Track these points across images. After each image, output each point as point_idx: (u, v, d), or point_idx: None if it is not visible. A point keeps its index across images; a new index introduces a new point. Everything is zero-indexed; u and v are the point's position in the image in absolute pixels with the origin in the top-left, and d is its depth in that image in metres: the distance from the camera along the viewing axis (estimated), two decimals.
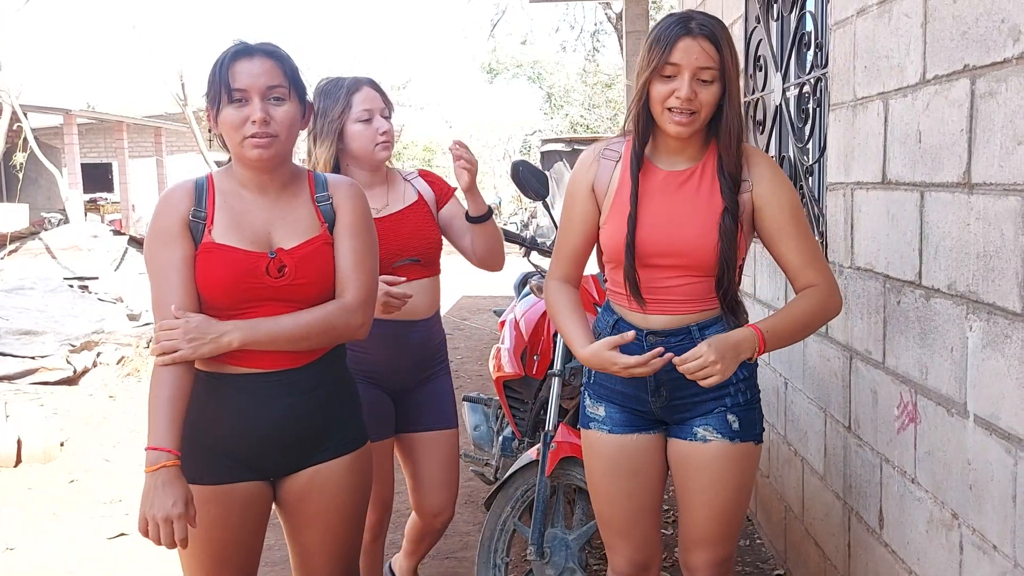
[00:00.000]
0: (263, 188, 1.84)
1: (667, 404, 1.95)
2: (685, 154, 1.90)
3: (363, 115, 2.35)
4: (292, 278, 1.79)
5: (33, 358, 6.56)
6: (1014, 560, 1.61)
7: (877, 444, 2.24)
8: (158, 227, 1.80)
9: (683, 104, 1.78)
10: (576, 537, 2.74)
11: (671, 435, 2.00)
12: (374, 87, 2.40)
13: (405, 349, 2.42)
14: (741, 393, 1.95)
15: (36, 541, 3.75)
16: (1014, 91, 1.56)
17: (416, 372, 2.47)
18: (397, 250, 2.36)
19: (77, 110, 16.05)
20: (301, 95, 1.83)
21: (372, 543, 2.53)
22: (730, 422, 1.94)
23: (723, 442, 1.93)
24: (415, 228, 2.41)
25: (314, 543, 1.93)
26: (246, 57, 1.75)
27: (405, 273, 2.36)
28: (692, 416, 1.95)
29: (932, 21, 1.87)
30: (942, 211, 1.85)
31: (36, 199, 18.86)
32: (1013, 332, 1.59)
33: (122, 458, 4.91)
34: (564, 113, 25.80)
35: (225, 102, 1.75)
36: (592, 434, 2.04)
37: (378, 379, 2.41)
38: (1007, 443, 1.62)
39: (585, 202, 1.97)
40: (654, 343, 1.89)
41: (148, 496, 1.65)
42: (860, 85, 2.30)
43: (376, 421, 2.34)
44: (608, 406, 2.01)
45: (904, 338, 2.06)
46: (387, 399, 2.45)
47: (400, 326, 2.38)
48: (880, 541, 2.24)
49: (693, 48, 1.76)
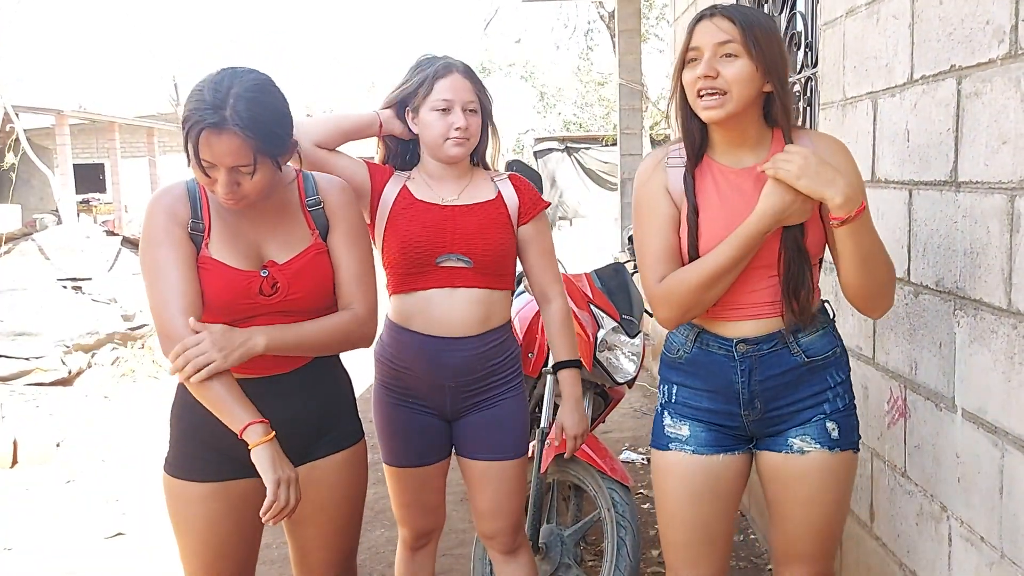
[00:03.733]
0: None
1: (761, 417, 1.81)
2: (745, 146, 1.78)
3: (440, 104, 2.08)
4: (285, 294, 1.79)
5: (27, 359, 6.55)
6: (1001, 551, 1.64)
7: (868, 439, 2.27)
8: (155, 227, 1.77)
9: (705, 83, 1.68)
10: (572, 533, 2.77)
11: (761, 448, 1.86)
12: (467, 75, 2.12)
13: (442, 369, 2.13)
14: (840, 398, 1.81)
15: (33, 541, 3.76)
16: (999, 91, 1.59)
17: (461, 395, 2.17)
18: (447, 243, 2.08)
19: (69, 111, 15.97)
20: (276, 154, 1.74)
21: (411, 553, 2.35)
22: (829, 430, 1.79)
23: (822, 452, 1.79)
24: (479, 226, 2.11)
25: (312, 539, 1.96)
26: (214, 132, 1.64)
27: (449, 277, 2.09)
28: (787, 427, 1.81)
29: (919, 22, 1.90)
30: (930, 209, 1.88)
31: (28, 200, 18.79)
32: (999, 327, 1.62)
33: (118, 458, 4.91)
34: (557, 112, 25.80)
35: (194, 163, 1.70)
36: (673, 456, 1.86)
37: (420, 400, 2.19)
38: (994, 436, 1.65)
39: (666, 204, 1.81)
40: (746, 352, 1.78)
41: (275, 462, 1.66)
42: (849, 85, 2.33)
43: (418, 446, 2.21)
44: (693, 425, 1.85)
45: (894, 334, 2.09)
46: (434, 422, 2.21)
47: (436, 342, 2.11)
48: (871, 534, 2.27)
49: (709, 27, 1.70)
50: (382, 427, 2.26)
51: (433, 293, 2.10)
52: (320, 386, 1.90)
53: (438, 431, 2.22)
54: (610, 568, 2.58)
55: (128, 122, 18.49)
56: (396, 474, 2.26)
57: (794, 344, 1.78)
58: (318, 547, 1.96)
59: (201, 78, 1.72)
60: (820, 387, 1.80)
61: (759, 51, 1.68)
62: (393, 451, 2.25)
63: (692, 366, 1.85)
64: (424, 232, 2.08)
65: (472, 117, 2.10)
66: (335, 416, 1.94)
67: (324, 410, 1.90)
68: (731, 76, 1.68)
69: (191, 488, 1.82)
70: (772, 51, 1.70)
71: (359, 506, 2.02)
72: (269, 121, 1.69)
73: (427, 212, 2.11)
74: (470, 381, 2.15)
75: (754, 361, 1.78)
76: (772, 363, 1.78)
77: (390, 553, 3.49)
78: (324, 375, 1.91)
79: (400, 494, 2.27)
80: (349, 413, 1.98)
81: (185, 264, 1.75)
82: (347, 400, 1.99)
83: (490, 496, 2.22)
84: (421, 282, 2.10)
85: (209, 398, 1.69)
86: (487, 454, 2.20)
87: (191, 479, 1.82)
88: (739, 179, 1.77)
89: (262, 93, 1.69)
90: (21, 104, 14.36)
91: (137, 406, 6.02)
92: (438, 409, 2.20)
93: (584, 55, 21.70)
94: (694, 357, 1.84)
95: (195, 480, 1.81)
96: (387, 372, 2.22)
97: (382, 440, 2.26)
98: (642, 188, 1.86)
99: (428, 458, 2.23)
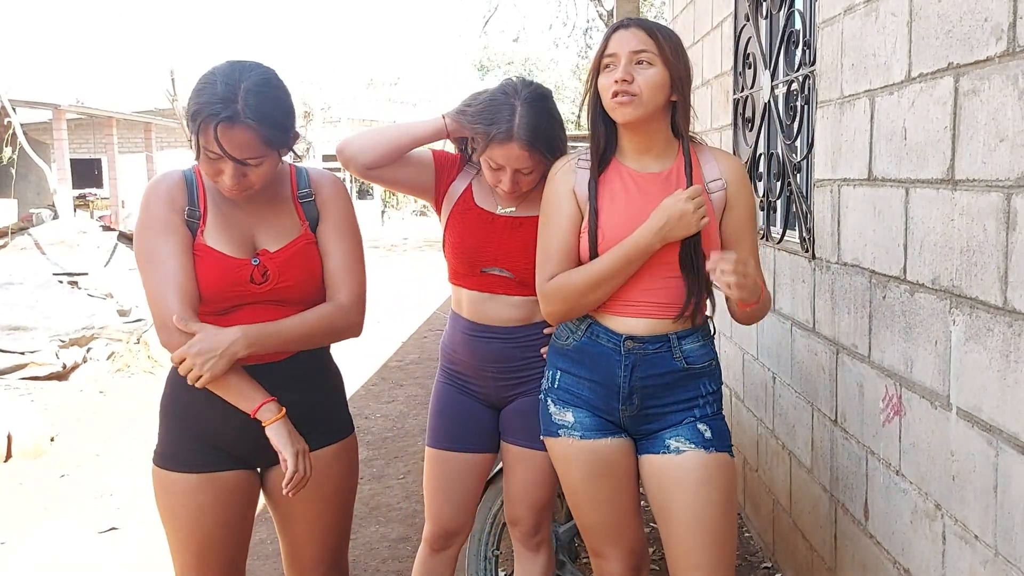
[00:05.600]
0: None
1: (637, 413, 1.92)
2: (651, 153, 1.92)
3: (494, 164, 2.05)
4: (275, 282, 1.81)
5: (23, 353, 6.55)
6: (995, 549, 1.64)
7: (863, 437, 2.27)
8: (152, 216, 1.78)
9: (620, 86, 1.81)
10: (566, 530, 2.77)
11: (641, 452, 1.96)
12: (528, 145, 2.01)
13: (484, 355, 2.19)
14: (709, 405, 1.94)
15: (27, 535, 3.75)
16: (997, 89, 1.59)
17: (502, 382, 2.21)
18: (491, 257, 2.13)
19: (66, 105, 15.95)
20: (282, 146, 1.78)
21: (430, 554, 2.34)
22: (701, 431, 1.91)
23: (697, 451, 1.89)
24: (524, 242, 2.09)
25: (303, 533, 1.95)
26: (227, 126, 1.66)
27: (491, 285, 2.15)
28: (661, 428, 1.93)
29: (917, 19, 1.90)
30: (927, 207, 1.87)
31: (25, 194, 18.77)
32: (995, 326, 1.61)
33: (112, 453, 4.90)
34: None
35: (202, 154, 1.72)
36: (563, 442, 1.97)
37: (470, 386, 2.25)
38: (989, 435, 1.65)
39: (569, 204, 1.93)
40: (632, 348, 1.89)
41: (292, 436, 1.76)
42: (847, 83, 2.33)
43: (461, 430, 2.26)
44: (576, 411, 1.95)
45: (889, 332, 2.08)
46: (481, 409, 2.26)
47: (478, 329, 2.19)
48: (866, 532, 2.27)
49: (627, 36, 1.84)
50: (433, 408, 2.33)
51: (477, 295, 2.18)
52: (311, 378, 1.90)
53: (483, 419, 2.26)
54: None
55: (126, 117, 18.47)
56: (433, 457, 2.28)
57: (677, 349, 1.91)
58: (309, 542, 1.96)
59: (208, 70, 1.74)
60: (693, 393, 1.93)
61: (670, 62, 1.84)
62: (436, 430, 2.29)
63: (579, 354, 1.96)
64: (473, 241, 2.14)
65: (525, 178, 2.06)
66: (326, 409, 1.94)
67: (314, 402, 1.90)
68: (644, 82, 1.82)
69: (180, 480, 1.82)
70: (681, 64, 1.87)
71: (350, 500, 2.01)
72: (278, 114, 1.73)
73: (479, 221, 2.15)
74: (510, 369, 2.19)
75: (638, 358, 1.90)
76: (655, 363, 1.90)
77: (384, 549, 3.49)
78: (315, 368, 1.92)
79: (433, 478, 2.29)
80: (340, 407, 1.99)
81: (182, 252, 1.76)
82: (338, 393, 1.99)
83: (519, 480, 2.24)
84: (468, 282, 2.18)
85: (220, 384, 1.74)
86: (523, 441, 2.22)
87: (180, 471, 1.82)
88: (646, 182, 1.91)
89: (270, 87, 1.73)
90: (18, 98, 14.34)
91: (132, 401, 6.01)
92: (485, 394, 2.25)
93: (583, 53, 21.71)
94: (582, 346, 1.95)
95: (184, 472, 1.81)
96: (445, 355, 2.31)
97: (430, 421, 2.31)
98: (550, 187, 1.99)
99: (467, 443, 2.26)
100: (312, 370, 1.91)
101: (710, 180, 1.93)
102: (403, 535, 3.65)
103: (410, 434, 5.18)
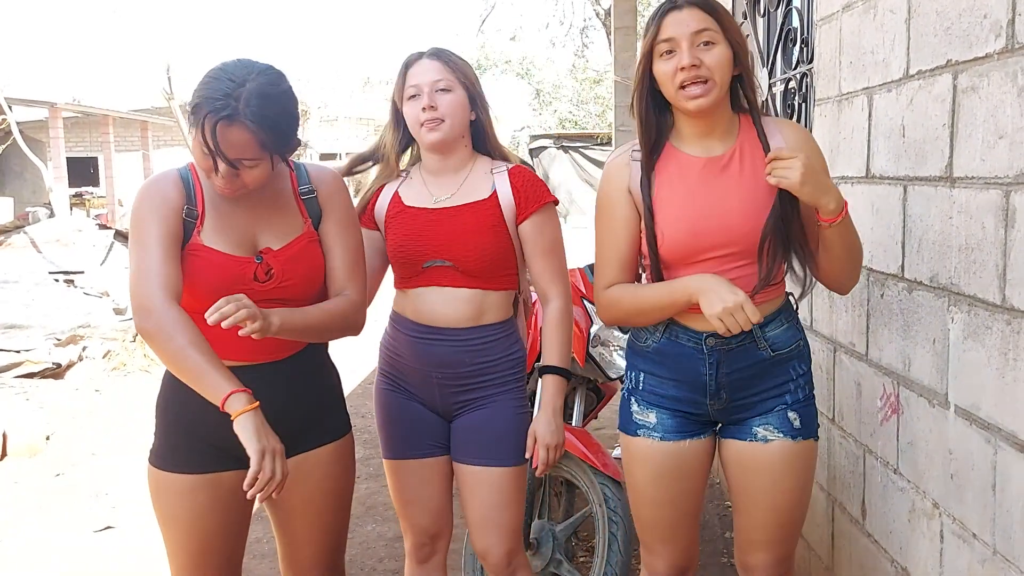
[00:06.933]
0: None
1: (726, 406, 1.85)
2: (715, 134, 1.79)
3: (411, 91, 2.02)
4: (280, 280, 1.79)
5: (18, 351, 6.52)
6: (993, 548, 1.63)
7: (860, 435, 2.26)
8: (145, 207, 1.75)
9: (690, 73, 1.68)
10: (563, 528, 2.76)
11: (726, 436, 1.90)
12: (436, 57, 2.03)
13: (428, 359, 2.08)
14: (801, 389, 1.86)
15: (22, 534, 3.74)
16: (995, 86, 1.58)
17: (449, 389, 2.10)
18: (432, 250, 2.05)
19: (62, 103, 15.90)
20: (281, 151, 1.75)
21: (417, 567, 2.23)
22: (791, 420, 1.84)
23: (785, 441, 1.83)
24: (463, 230, 2.04)
25: (300, 532, 1.94)
26: (226, 124, 1.64)
27: (436, 277, 2.06)
28: (750, 416, 1.85)
29: (916, 16, 1.89)
30: (925, 205, 1.87)
31: (21, 193, 18.73)
32: (993, 324, 1.61)
33: (108, 452, 4.89)
34: (553, 109, 25.82)
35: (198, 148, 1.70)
36: (640, 442, 1.90)
37: (413, 389, 2.14)
38: (987, 433, 1.64)
39: (625, 205, 1.83)
40: (715, 346, 1.80)
41: (260, 432, 1.59)
42: (845, 80, 2.33)
43: (413, 436, 2.14)
44: (659, 412, 1.88)
45: (887, 330, 2.08)
46: (427, 415, 2.14)
47: (423, 330, 2.08)
48: (863, 531, 2.26)
49: (681, 16, 1.70)
50: (379, 416, 2.21)
51: (422, 290, 2.09)
52: (309, 377, 1.89)
53: (432, 424, 2.14)
54: (601, 563, 2.58)
55: (122, 115, 18.43)
56: (394, 468, 2.17)
57: (761, 339, 1.81)
58: (306, 541, 1.95)
59: (219, 64, 1.71)
60: (783, 378, 1.84)
61: (732, 36, 1.72)
62: (390, 440, 2.18)
63: (660, 355, 1.87)
64: (408, 238, 2.07)
65: (442, 96, 2.00)
66: (323, 408, 1.92)
67: (312, 402, 1.89)
68: (712, 63, 1.71)
69: (177, 480, 1.81)
70: (739, 36, 1.75)
71: (347, 500, 2.00)
72: (279, 119, 1.69)
73: (413, 218, 2.08)
74: (458, 375, 2.08)
75: (722, 355, 1.81)
76: (740, 356, 1.81)
77: (380, 548, 3.48)
78: (313, 366, 1.90)
79: (400, 491, 2.17)
80: (338, 405, 1.97)
81: (169, 242, 1.73)
82: (336, 392, 1.98)
83: (479, 505, 2.09)
84: (413, 281, 2.10)
85: (188, 368, 1.63)
86: (477, 458, 2.09)
87: (177, 471, 1.80)
88: (707, 170, 1.79)
89: (275, 90, 1.69)
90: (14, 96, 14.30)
91: (128, 400, 6.00)
92: (429, 401, 2.14)
93: (580, 52, 21.72)
94: (662, 347, 1.87)
95: (181, 472, 1.80)
96: (384, 359, 2.20)
97: (381, 432, 2.21)
98: (606, 186, 1.88)
99: (422, 449, 2.14)
100: (311, 369, 1.89)
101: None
102: (400, 534, 3.63)
103: None
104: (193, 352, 1.62)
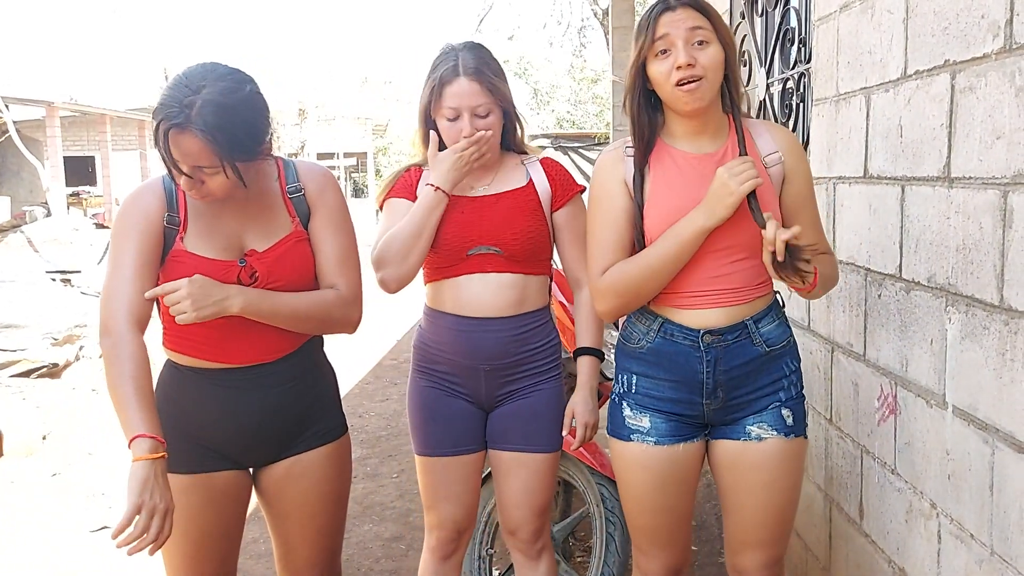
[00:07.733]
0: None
1: (723, 406, 1.85)
2: (706, 133, 1.82)
3: (450, 112, 2.05)
4: (265, 282, 1.77)
5: (14, 351, 6.51)
6: (991, 548, 1.63)
7: (858, 436, 2.26)
8: (123, 223, 1.75)
9: (686, 71, 1.70)
10: (560, 529, 2.76)
11: (717, 436, 1.90)
12: (476, 79, 2.04)
13: (476, 351, 2.10)
14: (793, 386, 1.88)
15: (18, 534, 3.73)
16: (993, 86, 1.58)
17: (496, 380, 2.13)
18: (476, 236, 2.07)
19: (60, 102, 15.90)
20: (241, 160, 1.69)
21: (439, 563, 2.25)
22: (784, 417, 1.85)
23: (778, 439, 1.84)
24: (507, 216, 2.08)
25: (296, 534, 1.94)
26: (178, 131, 1.62)
27: (480, 264, 2.08)
28: (744, 415, 1.86)
29: (914, 16, 1.89)
30: (922, 205, 1.87)
31: (18, 192, 18.70)
32: (991, 324, 1.61)
33: (105, 451, 4.88)
34: (550, 109, 25.83)
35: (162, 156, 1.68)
36: (635, 447, 1.89)
37: (457, 385, 2.15)
38: (984, 433, 1.64)
39: (622, 196, 1.84)
40: (711, 342, 1.80)
41: (147, 485, 1.54)
42: (843, 80, 2.32)
43: (452, 433, 2.16)
44: (653, 416, 1.88)
45: (885, 331, 2.08)
46: (468, 409, 2.17)
47: (470, 323, 2.09)
48: (860, 532, 2.26)
49: (676, 16, 1.73)
50: (416, 414, 2.19)
51: (464, 279, 2.09)
52: (304, 378, 1.88)
53: (473, 418, 2.17)
54: (598, 563, 2.57)
55: (119, 114, 18.42)
56: (430, 465, 2.17)
57: (756, 334, 1.83)
58: (301, 543, 1.94)
59: (183, 69, 1.68)
60: (777, 375, 1.86)
61: (724, 37, 1.74)
62: (427, 438, 2.17)
63: (655, 356, 1.87)
64: (453, 228, 2.07)
65: (482, 120, 2.05)
66: (319, 409, 1.92)
67: (308, 402, 1.88)
68: (706, 62, 1.72)
69: (172, 480, 1.80)
70: (730, 37, 1.78)
71: (343, 502, 2.00)
72: (235, 128, 1.64)
73: (455, 207, 2.08)
74: (505, 365, 2.11)
75: (719, 351, 1.82)
76: (736, 353, 1.82)
77: (377, 548, 3.48)
78: (308, 367, 1.89)
79: (433, 487, 2.18)
80: (333, 407, 1.96)
81: (143, 260, 1.71)
82: (332, 393, 1.97)
83: (516, 487, 2.16)
84: (453, 271, 2.10)
85: (117, 396, 1.63)
86: (519, 444, 2.15)
87: (172, 471, 1.79)
88: (702, 164, 1.81)
89: (231, 98, 1.64)
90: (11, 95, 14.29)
91: None
92: (474, 395, 2.15)
93: (578, 52, 21.70)
94: (657, 347, 1.86)
95: (176, 472, 1.79)
96: (424, 356, 2.19)
97: (416, 429, 2.19)
98: (601, 177, 1.88)
99: (463, 445, 2.16)
100: (306, 370, 1.89)
101: (766, 154, 1.84)
102: (397, 534, 3.64)
103: (404, 433, 5.16)
104: (128, 384, 1.63)
